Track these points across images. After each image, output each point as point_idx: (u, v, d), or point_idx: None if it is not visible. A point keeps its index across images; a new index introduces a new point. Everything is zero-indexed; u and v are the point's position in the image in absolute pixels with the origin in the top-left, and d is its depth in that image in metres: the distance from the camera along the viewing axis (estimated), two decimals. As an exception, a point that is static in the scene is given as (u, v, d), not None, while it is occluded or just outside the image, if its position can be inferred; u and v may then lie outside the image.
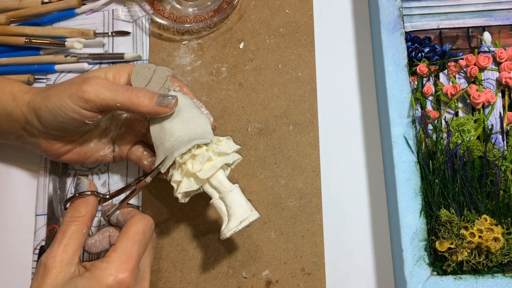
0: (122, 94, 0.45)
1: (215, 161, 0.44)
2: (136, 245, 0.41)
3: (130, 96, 0.45)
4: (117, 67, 0.49)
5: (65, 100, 0.45)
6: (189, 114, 0.46)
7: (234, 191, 0.44)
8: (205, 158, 0.44)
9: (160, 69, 0.49)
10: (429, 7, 0.56)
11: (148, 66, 0.49)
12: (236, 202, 0.44)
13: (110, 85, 0.45)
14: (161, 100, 0.45)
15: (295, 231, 0.52)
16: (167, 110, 0.45)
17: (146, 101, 0.45)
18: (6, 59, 0.59)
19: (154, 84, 0.48)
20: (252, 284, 0.51)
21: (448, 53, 0.53)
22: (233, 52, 0.60)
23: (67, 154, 0.50)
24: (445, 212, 0.46)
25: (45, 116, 0.46)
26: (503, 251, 0.45)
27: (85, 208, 0.42)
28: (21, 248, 0.54)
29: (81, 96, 0.44)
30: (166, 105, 0.45)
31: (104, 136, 0.52)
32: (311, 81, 0.58)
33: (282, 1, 0.61)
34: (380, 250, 0.51)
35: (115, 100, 0.44)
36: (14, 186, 0.56)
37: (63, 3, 0.61)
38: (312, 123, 0.56)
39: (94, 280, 0.38)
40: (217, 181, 0.44)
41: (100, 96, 0.44)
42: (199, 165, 0.44)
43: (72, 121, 0.46)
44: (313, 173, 0.54)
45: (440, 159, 0.48)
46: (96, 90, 0.44)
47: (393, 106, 0.50)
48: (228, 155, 0.45)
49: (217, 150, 0.44)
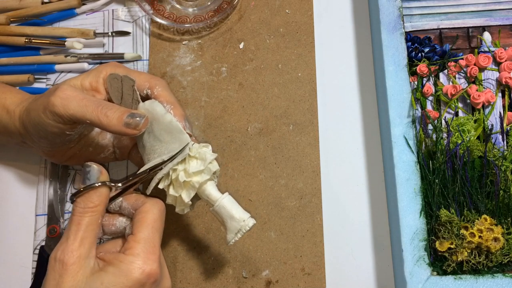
0: (91, 112, 0.42)
1: (193, 181, 0.43)
2: (157, 233, 0.40)
3: (99, 115, 0.42)
4: (94, 73, 0.46)
5: (41, 116, 0.43)
6: (161, 126, 0.44)
7: (221, 205, 0.43)
8: (181, 182, 0.43)
9: (125, 79, 0.46)
10: (429, 7, 0.56)
11: (116, 77, 0.46)
12: (226, 215, 0.43)
13: (80, 100, 0.42)
14: (128, 121, 0.42)
15: (295, 231, 0.52)
16: (136, 132, 0.43)
17: (114, 122, 0.42)
18: (6, 59, 0.59)
19: (126, 97, 0.46)
20: (252, 284, 0.51)
21: (448, 53, 0.53)
22: (233, 52, 0.60)
23: (69, 160, 0.50)
24: (445, 212, 0.46)
25: (32, 131, 0.45)
26: (503, 251, 0.45)
27: (98, 198, 0.39)
28: (21, 248, 0.54)
29: (51, 110, 0.42)
30: (133, 127, 0.42)
31: (101, 139, 0.50)
32: (311, 81, 0.58)
33: (282, 1, 0.61)
34: (380, 250, 0.51)
35: (84, 117, 0.42)
36: (14, 186, 0.56)
37: (63, 3, 0.61)
38: (312, 123, 0.56)
39: (121, 275, 0.37)
40: (205, 195, 0.44)
41: (68, 111, 0.42)
42: (179, 189, 0.43)
43: (53, 134, 0.44)
44: (313, 173, 0.54)
45: (440, 159, 0.48)
46: (64, 105, 0.42)
47: (393, 106, 0.50)
48: (203, 172, 0.44)
49: (190, 171, 0.43)
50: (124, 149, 0.51)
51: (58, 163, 0.51)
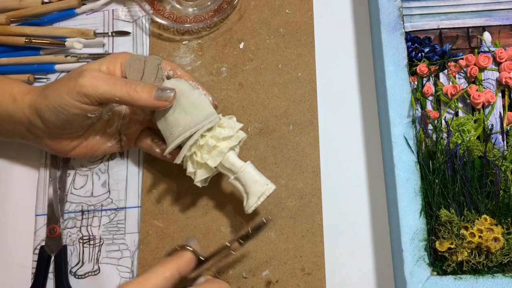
0: (120, 88, 0.44)
1: (221, 147, 0.46)
2: None
3: (128, 91, 0.44)
4: (109, 59, 0.48)
5: (64, 97, 0.44)
6: (189, 100, 0.47)
7: (246, 170, 0.46)
8: (211, 147, 0.45)
9: (150, 59, 0.48)
10: (429, 7, 0.56)
11: (139, 58, 0.48)
12: (250, 180, 0.46)
13: (108, 79, 0.44)
14: (159, 94, 0.45)
15: (295, 231, 0.52)
16: (166, 104, 0.45)
17: (145, 96, 0.44)
18: (6, 59, 0.59)
19: (148, 76, 0.48)
20: (252, 284, 0.51)
21: (448, 53, 0.53)
22: (233, 52, 0.60)
23: (74, 150, 0.51)
24: (445, 212, 0.46)
25: (47, 116, 0.46)
26: (503, 251, 0.45)
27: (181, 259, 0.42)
28: (21, 248, 0.54)
29: (79, 90, 0.44)
30: (165, 99, 0.45)
31: (108, 127, 0.52)
32: (311, 81, 0.58)
33: (282, 1, 0.61)
34: (380, 250, 0.51)
35: (113, 95, 0.44)
36: (14, 186, 0.56)
37: (63, 3, 0.61)
38: (312, 123, 0.56)
39: None
40: (228, 163, 0.46)
41: (98, 91, 0.44)
42: (207, 154, 0.46)
43: (75, 116, 0.46)
44: (313, 173, 0.54)
45: (440, 159, 0.48)
46: (93, 84, 0.44)
47: (393, 106, 0.50)
48: (231, 138, 0.47)
49: (220, 136, 0.46)
50: (132, 135, 0.52)
51: (61, 155, 0.52)
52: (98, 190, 0.55)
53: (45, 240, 0.53)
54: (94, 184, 0.55)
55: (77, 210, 0.55)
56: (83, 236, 0.54)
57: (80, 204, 0.55)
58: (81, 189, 0.55)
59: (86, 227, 0.54)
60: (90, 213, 0.54)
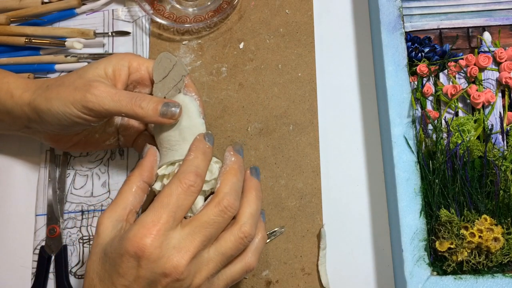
0: (126, 105, 0.44)
1: None
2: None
3: (133, 107, 0.44)
4: (116, 61, 0.48)
5: (69, 107, 0.44)
6: (190, 123, 0.45)
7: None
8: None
9: (178, 66, 0.47)
10: (429, 7, 0.56)
11: (170, 58, 0.47)
12: None
13: (114, 94, 0.44)
14: (164, 111, 0.44)
15: (295, 231, 0.52)
16: (172, 121, 0.45)
17: (150, 113, 0.44)
18: (6, 59, 0.59)
19: (169, 80, 0.47)
20: (252, 284, 0.51)
21: (448, 53, 0.53)
22: (233, 52, 0.60)
23: (73, 146, 0.52)
24: (445, 212, 0.46)
25: (48, 119, 0.46)
26: (503, 251, 0.45)
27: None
28: (21, 248, 0.54)
29: (85, 105, 0.44)
30: (170, 117, 0.44)
31: (108, 127, 0.52)
32: (311, 81, 0.58)
33: (282, 1, 0.61)
34: (380, 250, 0.51)
35: (119, 111, 0.44)
36: (14, 186, 0.56)
37: (63, 3, 0.61)
38: (312, 123, 0.56)
39: None
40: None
41: (104, 107, 0.44)
42: None
43: (77, 124, 0.46)
44: (313, 173, 0.54)
45: (440, 159, 0.48)
46: (100, 101, 0.44)
47: (393, 106, 0.50)
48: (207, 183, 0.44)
49: None
50: (129, 136, 0.53)
51: (60, 149, 0.53)
52: (98, 190, 0.55)
53: (45, 240, 0.53)
54: (94, 184, 0.56)
55: (77, 210, 0.55)
56: (83, 236, 0.54)
57: (80, 204, 0.55)
58: (81, 189, 0.55)
59: (86, 227, 0.54)
60: (90, 213, 0.54)
